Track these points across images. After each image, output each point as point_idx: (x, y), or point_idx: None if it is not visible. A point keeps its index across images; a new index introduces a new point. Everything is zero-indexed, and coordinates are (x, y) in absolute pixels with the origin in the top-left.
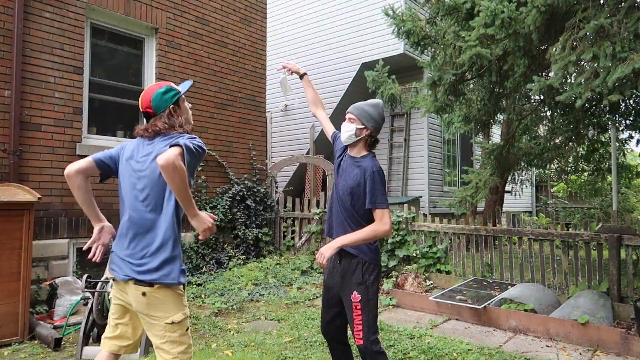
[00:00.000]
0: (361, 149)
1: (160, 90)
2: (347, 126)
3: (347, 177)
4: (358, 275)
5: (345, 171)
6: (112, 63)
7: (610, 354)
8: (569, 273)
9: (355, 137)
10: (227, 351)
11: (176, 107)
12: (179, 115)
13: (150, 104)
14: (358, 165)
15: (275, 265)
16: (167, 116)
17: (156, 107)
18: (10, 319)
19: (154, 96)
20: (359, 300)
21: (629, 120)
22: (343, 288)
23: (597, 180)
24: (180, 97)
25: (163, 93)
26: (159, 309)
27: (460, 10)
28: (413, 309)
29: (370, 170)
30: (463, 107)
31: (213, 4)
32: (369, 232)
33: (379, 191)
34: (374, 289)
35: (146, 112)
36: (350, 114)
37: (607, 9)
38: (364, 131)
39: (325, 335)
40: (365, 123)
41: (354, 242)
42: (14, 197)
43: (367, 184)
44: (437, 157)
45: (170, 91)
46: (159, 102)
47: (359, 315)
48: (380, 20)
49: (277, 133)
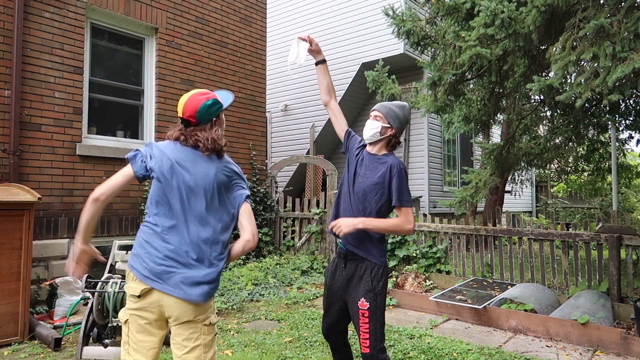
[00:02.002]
0: (382, 148)
1: (208, 103)
2: (372, 123)
3: (370, 174)
4: (367, 281)
5: (367, 167)
6: (112, 63)
7: (610, 354)
8: (569, 273)
9: (380, 135)
10: (227, 351)
11: (217, 120)
12: (218, 127)
13: (194, 114)
14: (382, 162)
15: (275, 265)
16: (209, 129)
17: (200, 119)
18: (10, 319)
19: (201, 108)
20: (367, 308)
21: (629, 120)
22: (349, 293)
23: (597, 180)
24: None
25: (210, 106)
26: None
27: (460, 10)
28: (413, 309)
29: (397, 168)
30: (463, 107)
31: (213, 4)
32: (393, 224)
33: (406, 189)
34: (383, 296)
35: (187, 120)
36: (377, 111)
37: (607, 9)
38: (388, 130)
39: (327, 338)
40: (392, 122)
41: (376, 228)
42: (14, 197)
43: (393, 181)
44: (437, 157)
45: (216, 104)
46: (205, 114)
47: (366, 323)
48: (380, 20)
49: (277, 133)
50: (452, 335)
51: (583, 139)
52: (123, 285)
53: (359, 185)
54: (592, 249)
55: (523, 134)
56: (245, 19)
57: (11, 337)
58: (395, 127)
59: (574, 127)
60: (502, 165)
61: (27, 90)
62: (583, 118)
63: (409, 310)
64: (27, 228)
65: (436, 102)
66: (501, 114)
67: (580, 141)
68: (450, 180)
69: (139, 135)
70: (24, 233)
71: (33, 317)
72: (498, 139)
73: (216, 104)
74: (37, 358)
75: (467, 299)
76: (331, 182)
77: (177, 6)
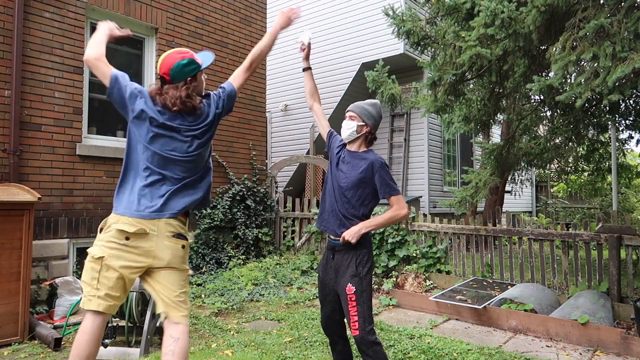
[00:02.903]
0: (361, 145)
1: (182, 62)
2: (348, 123)
3: (351, 169)
4: (352, 267)
5: (348, 164)
6: (112, 63)
7: (610, 354)
8: (569, 273)
9: (357, 133)
10: (227, 351)
11: (192, 79)
12: (194, 87)
13: (168, 71)
14: (363, 158)
15: (275, 265)
16: (182, 87)
17: (173, 77)
18: (10, 319)
19: (175, 66)
20: (353, 292)
21: (629, 120)
22: (338, 282)
23: (597, 180)
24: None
25: (184, 65)
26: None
27: (460, 10)
28: (413, 309)
29: (379, 164)
30: (463, 107)
31: (213, 4)
32: (389, 216)
33: (390, 179)
34: (368, 280)
35: (162, 77)
36: (351, 112)
37: (607, 9)
38: (364, 128)
39: (325, 330)
40: (366, 120)
41: (376, 226)
42: (14, 197)
43: (376, 177)
44: (437, 157)
45: (191, 64)
46: (179, 72)
47: (354, 306)
48: (380, 20)
49: (277, 133)
50: (452, 335)
51: (583, 139)
52: None
53: (343, 181)
54: (592, 249)
55: (523, 134)
56: (245, 19)
57: (11, 337)
58: (370, 124)
59: (574, 127)
60: (502, 165)
61: (27, 90)
62: (583, 118)
63: (409, 310)
64: (27, 228)
65: (436, 102)
66: (501, 114)
67: (580, 141)
68: (450, 180)
69: None
70: (24, 233)
71: (33, 317)
72: (498, 139)
73: (192, 64)
74: (37, 358)
75: (467, 299)
76: None
77: (177, 6)
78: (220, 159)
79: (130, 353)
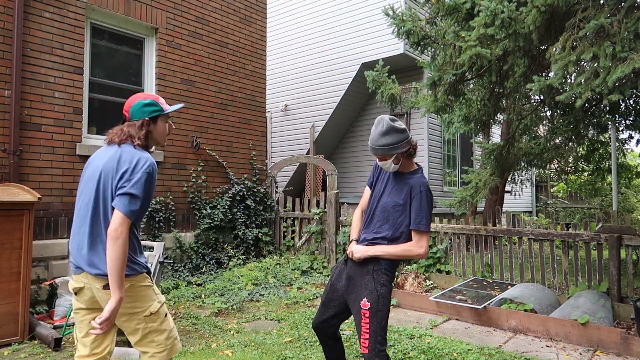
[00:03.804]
0: (406, 165)
1: (144, 101)
2: (385, 163)
3: (395, 194)
4: (370, 282)
5: (393, 187)
6: (112, 63)
7: (610, 354)
8: (569, 273)
9: (396, 164)
10: (227, 351)
11: (150, 122)
12: (149, 131)
13: (128, 109)
14: (406, 182)
15: (275, 265)
16: (138, 127)
17: (131, 115)
18: (10, 319)
19: (135, 104)
20: (368, 308)
21: (629, 120)
22: (349, 291)
23: (597, 180)
24: (161, 115)
25: (144, 105)
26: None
27: (460, 10)
28: (413, 309)
29: (419, 189)
30: (463, 107)
31: (213, 4)
32: (403, 249)
33: (425, 212)
34: (385, 300)
35: (124, 115)
36: (378, 156)
37: (607, 9)
38: (399, 156)
39: (316, 331)
40: (394, 152)
41: (386, 255)
42: (14, 197)
43: (413, 203)
44: (437, 157)
45: (152, 105)
46: (136, 111)
47: (367, 323)
48: (380, 20)
49: (277, 133)
50: (452, 335)
51: (583, 139)
52: None
53: (385, 202)
54: (592, 249)
55: (523, 134)
56: (245, 19)
57: (11, 337)
58: (400, 148)
59: (574, 127)
60: (502, 165)
61: (27, 90)
62: (583, 118)
63: (409, 310)
64: (27, 228)
65: (436, 102)
66: (501, 114)
67: (580, 141)
68: (450, 180)
69: None
70: (24, 233)
71: (33, 317)
72: (498, 139)
73: (152, 105)
74: (37, 358)
75: (467, 299)
76: (331, 182)
77: (177, 6)
78: (220, 159)
79: (130, 353)
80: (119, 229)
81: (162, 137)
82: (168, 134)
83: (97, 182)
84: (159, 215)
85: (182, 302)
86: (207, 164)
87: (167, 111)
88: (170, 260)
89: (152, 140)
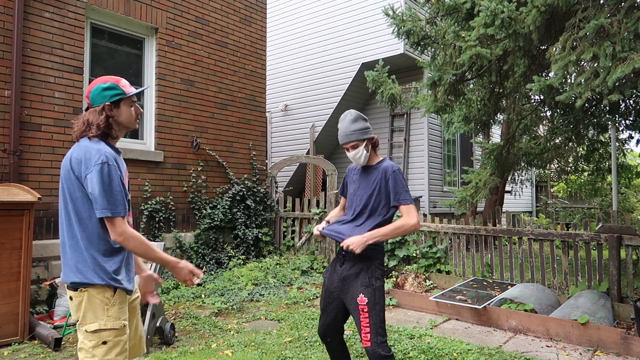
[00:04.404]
0: (372, 157)
1: (103, 85)
2: (356, 152)
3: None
4: (364, 278)
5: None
6: (112, 63)
7: (610, 354)
8: (569, 273)
9: (368, 152)
10: (227, 351)
11: (111, 107)
12: (111, 116)
13: (89, 94)
14: (375, 169)
15: (275, 265)
16: (98, 112)
17: (92, 100)
18: (10, 319)
19: (94, 89)
20: (365, 303)
21: (629, 120)
22: (345, 291)
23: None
24: (123, 99)
25: (104, 89)
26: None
27: (460, 10)
28: (413, 309)
29: (391, 170)
30: (463, 107)
31: (213, 4)
32: (397, 226)
33: (402, 188)
34: (381, 293)
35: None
36: (351, 142)
37: (607, 9)
38: (369, 143)
39: (323, 338)
40: (365, 137)
41: (383, 237)
42: (14, 197)
43: (389, 183)
44: (437, 157)
45: (112, 89)
46: (96, 96)
47: (366, 318)
48: (380, 20)
49: (277, 133)
50: (452, 335)
51: (583, 139)
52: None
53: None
54: (592, 249)
55: (523, 134)
56: (245, 19)
57: (11, 337)
58: (368, 135)
59: (574, 127)
60: (502, 165)
61: (27, 90)
62: (583, 118)
63: (409, 310)
64: (27, 228)
65: (436, 102)
66: (501, 114)
67: (580, 141)
68: (450, 180)
69: (139, 135)
70: (24, 233)
71: (33, 317)
72: (498, 139)
73: (113, 89)
74: (37, 358)
75: (467, 299)
76: (331, 182)
77: (177, 6)
78: (220, 159)
79: None
80: (118, 234)
81: (129, 122)
82: (136, 118)
83: (61, 188)
84: (158, 215)
85: (182, 302)
86: (207, 164)
87: (129, 94)
88: None
89: (119, 125)
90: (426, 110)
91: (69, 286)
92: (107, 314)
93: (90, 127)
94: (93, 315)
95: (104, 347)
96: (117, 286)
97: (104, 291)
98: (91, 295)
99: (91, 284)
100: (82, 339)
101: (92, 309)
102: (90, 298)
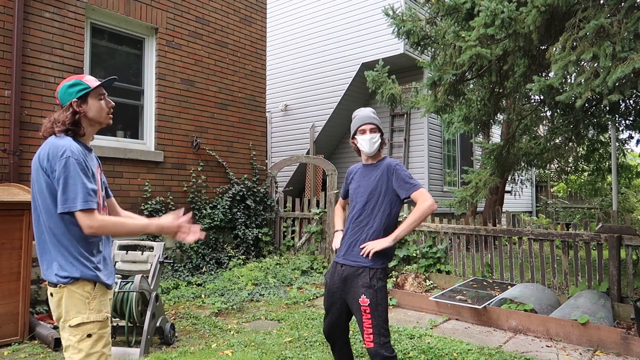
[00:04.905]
0: (377, 153)
1: (67, 83)
2: (373, 136)
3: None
4: (365, 279)
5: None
6: (112, 63)
7: (610, 354)
8: (569, 273)
9: (379, 145)
10: (227, 351)
11: (79, 102)
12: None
13: (57, 96)
14: (376, 167)
15: (275, 265)
16: (65, 109)
17: (61, 100)
18: (10, 319)
19: (60, 89)
20: (367, 304)
21: (629, 120)
22: (347, 292)
23: (597, 180)
24: (90, 93)
25: (69, 86)
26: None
27: (460, 10)
28: (413, 309)
29: (393, 166)
30: (463, 107)
31: (213, 4)
32: (415, 219)
33: (407, 178)
34: (383, 293)
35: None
36: (372, 124)
37: (607, 9)
38: (382, 136)
39: (328, 338)
40: (381, 127)
41: (407, 232)
42: (14, 197)
43: (394, 179)
44: (437, 157)
45: (76, 85)
46: (63, 94)
47: (368, 319)
48: (380, 20)
49: (277, 133)
50: (452, 335)
51: (583, 139)
52: (123, 285)
53: (364, 191)
54: (592, 249)
55: (523, 134)
56: (245, 19)
57: (11, 337)
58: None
59: (574, 127)
60: (502, 165)
61: (27, 90)
62: (583, 118)
63: (409, 310)
64: (27, 228)
65: (436, 102)
66: (501, 114)
67: (580, 141)
68: (450, 180)
69: (139, 135)
70: (24, 233)
71: (33, 317)
72: (498, 139)
73: (77, 85)
74: (37, 358)
75: (467, 299)
76: (331, 182)
77: (177, 6)
78: (220, 159)
79: (130, 353)
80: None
81: (100, 115)
82: (108, 111)
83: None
84: (158, 215)
85: (182, 302)
86: (207, 164)
87: (94, 87)
88: (170, 260)
89: (88, 121)
90: (426, 110)
91: (49, 283)
92: (89, 307)
93: (56, 124)
94: (75, 309)
95: (89, 340)
96: (95, 280)
97: (84, 285)
98: (70, 290)
99: (71, 277)
100: (67, 336)
101: (73, 304)
102: (69, 294)
